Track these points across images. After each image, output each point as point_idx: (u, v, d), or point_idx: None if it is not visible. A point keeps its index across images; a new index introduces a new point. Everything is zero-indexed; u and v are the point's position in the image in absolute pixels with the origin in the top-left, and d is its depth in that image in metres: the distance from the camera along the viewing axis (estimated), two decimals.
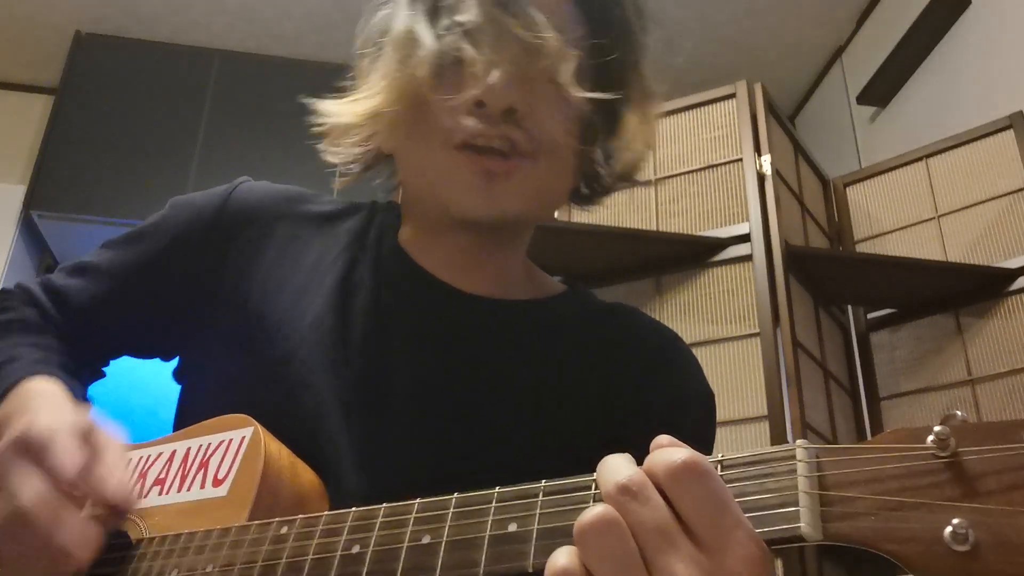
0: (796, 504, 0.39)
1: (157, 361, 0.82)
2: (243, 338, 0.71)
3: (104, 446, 0.59)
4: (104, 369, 0.83)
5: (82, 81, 3.34)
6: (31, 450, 0.56)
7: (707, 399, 0.76)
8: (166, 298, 0.77)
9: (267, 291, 0.73)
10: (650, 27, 0.74)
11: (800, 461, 0.40)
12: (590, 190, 0.78)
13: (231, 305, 0.74)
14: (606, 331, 0.76)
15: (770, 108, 2.10)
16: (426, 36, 0.67)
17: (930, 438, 0.38)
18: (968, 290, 2.09)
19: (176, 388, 0.79)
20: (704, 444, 0.73)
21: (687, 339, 0.79)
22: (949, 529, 0.36)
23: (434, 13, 0.68)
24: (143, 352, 0.81)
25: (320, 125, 0.74)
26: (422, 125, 0.68)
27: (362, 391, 0.68)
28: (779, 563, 1.65)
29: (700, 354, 1.88)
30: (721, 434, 1.77)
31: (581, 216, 2.13)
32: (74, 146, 3.21)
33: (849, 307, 2.34)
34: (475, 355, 0.71)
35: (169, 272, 0.77)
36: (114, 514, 0.58)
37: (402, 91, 0.68)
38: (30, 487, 0.54)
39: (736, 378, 1.82)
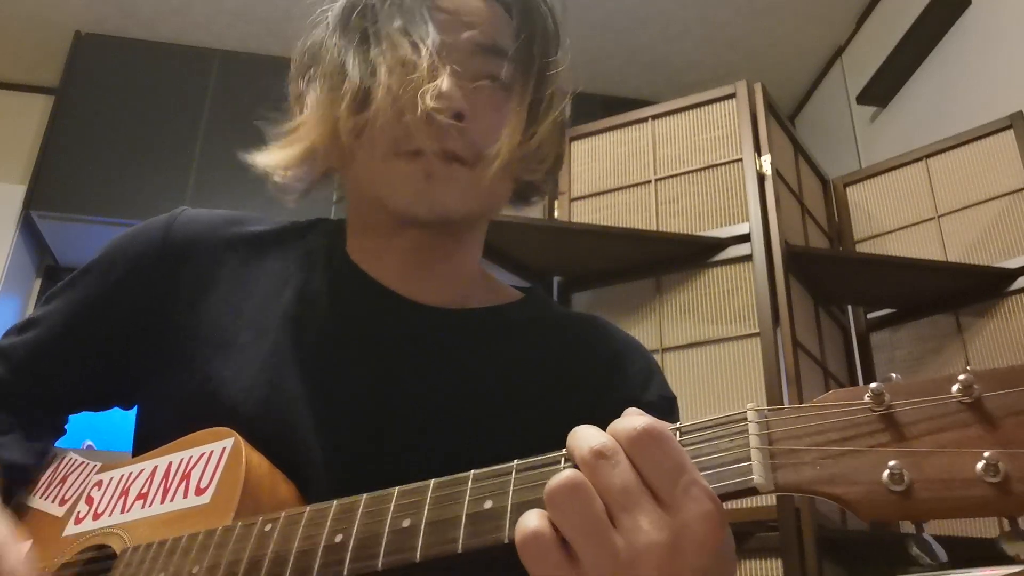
0: (748, 459, 0.43)
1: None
2: (203, 367, 0.71)
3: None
4: (65, 427, 0.81)
5: (82, 81, 3.34)
6: None
7: (669, 403, 0.76)
8: (115, 334, 0.75)
9: (224, 318, 0.73)
10: (563, 37, 0.77)
11: (751, 422, 0.44)
12: (524, 191, 0.80)
13: (186, 335, 0.73)
14: (562, 339, 0.76)
15: (770, 108, 2.10)
16: (354, 70, 0.69)
17: (867, 395, 0.42)
18: (968, 290, 2.09)
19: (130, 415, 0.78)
20: None
21: (687, 339, 0.79)
22: (887, 472, 0.39)
23: (364, 41, 0.70)
24: (100, 398, 0.79)
25: (261, 171, 0.75)
26: (365, 138, 0.70)
27: (328, 410, 0.68)
28: (779, 563, 1.65)
29: (700, 354, 1.91)
30: None
31: (581, 216, 2.13)
32: (74, 146, 3.20)
33: (849, 307, 2.34)
34: (427, 367, 0.71)
35: (117, 307, 0.75)
36: None
37: (333, 128, 0.69)
38: None
39: (736, 378, 1.82)
